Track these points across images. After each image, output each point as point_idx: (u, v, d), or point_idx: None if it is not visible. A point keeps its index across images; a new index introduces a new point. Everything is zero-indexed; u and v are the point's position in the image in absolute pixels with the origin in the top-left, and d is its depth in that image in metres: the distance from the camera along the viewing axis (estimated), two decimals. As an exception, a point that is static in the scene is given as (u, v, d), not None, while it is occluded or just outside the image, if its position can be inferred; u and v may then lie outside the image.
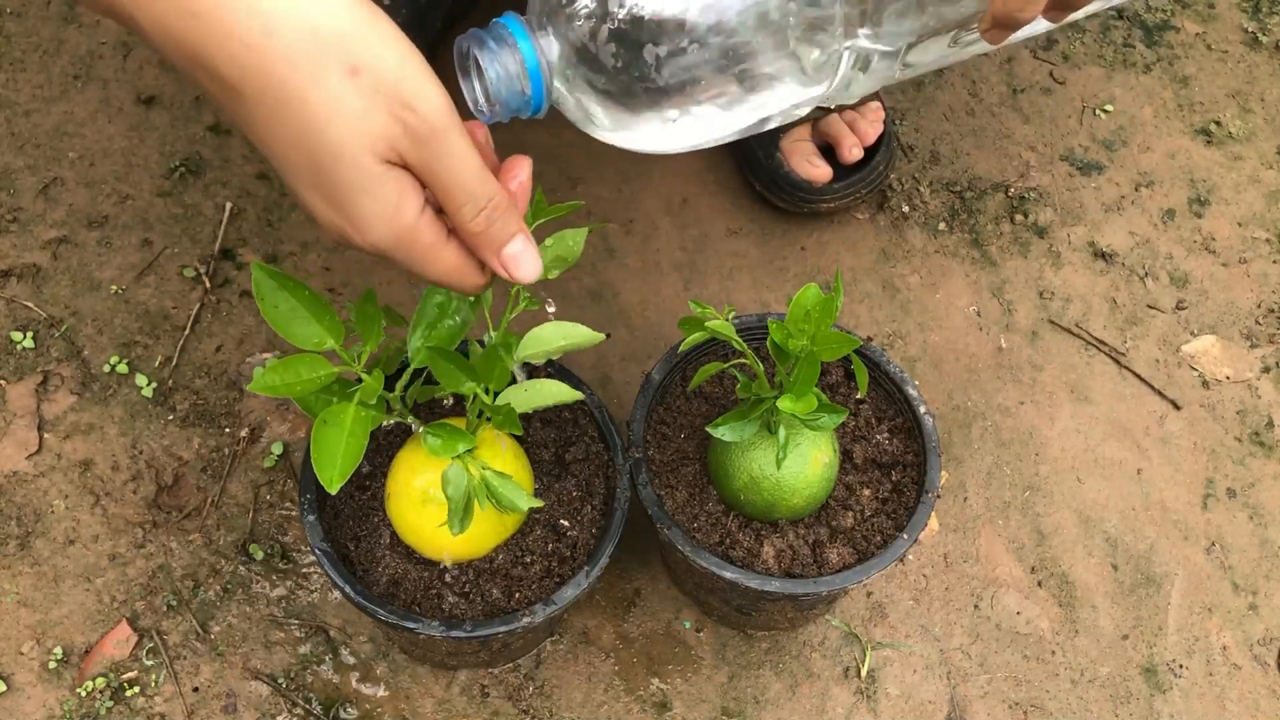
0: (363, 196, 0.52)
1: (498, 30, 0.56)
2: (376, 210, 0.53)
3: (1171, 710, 0.89)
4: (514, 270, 0.57)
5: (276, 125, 0.51)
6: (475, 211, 0.54)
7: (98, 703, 0.82)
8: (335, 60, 0.50)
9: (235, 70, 0.50)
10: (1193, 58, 1.23)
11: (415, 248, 0.54)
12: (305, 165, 0.52)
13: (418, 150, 0.52)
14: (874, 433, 0.82)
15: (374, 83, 0.51)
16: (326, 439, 0.60)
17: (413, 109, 0.51)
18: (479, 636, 0.71)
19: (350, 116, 0.51)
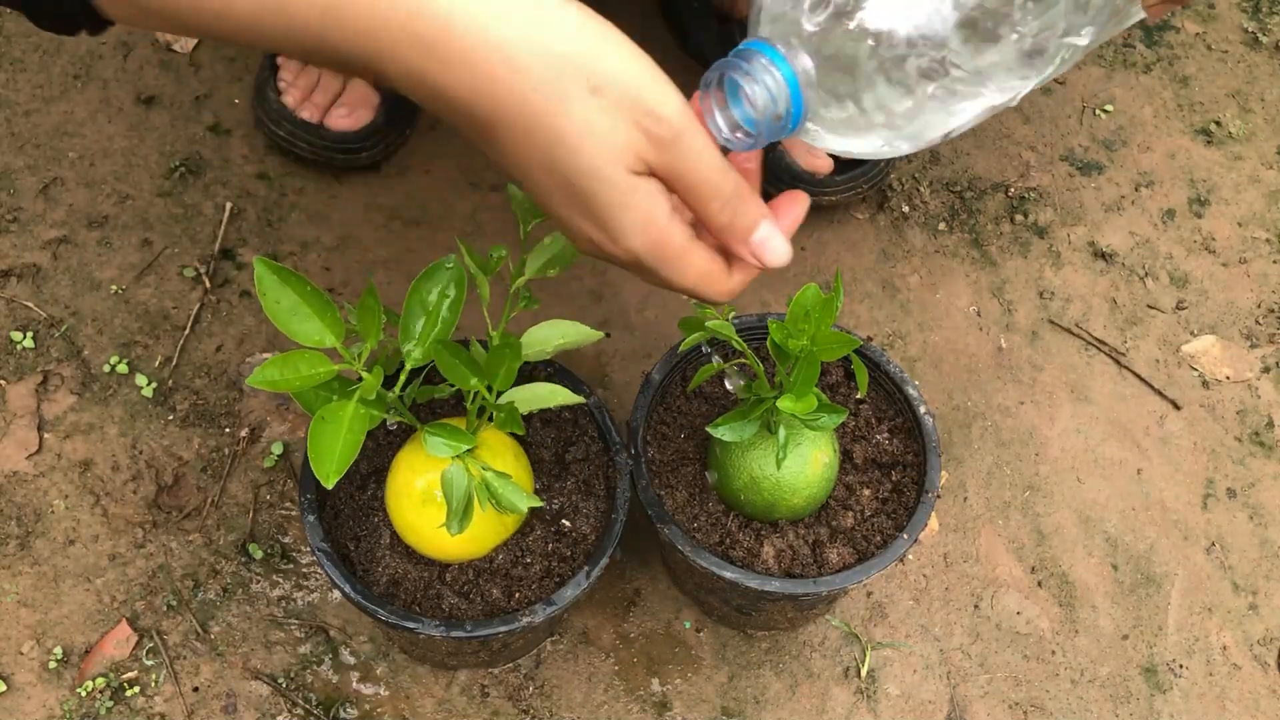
0: (617, 209, 0.54)
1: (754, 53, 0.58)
2: (631, 219, 0.55)
3: (1171, 710, 0.89)
4: (764, 255, 0.58)
5: (528, 153, 0.54)
6: (721, 205, 0.56)
7: (98, 703, 0.82)
8: (577, 83, 0.52)
9: (487, 107, 0.52)
10: (1193, 58, 1.23)
11: (668, 250, 0.56)
12: (559, 187, 0.55)
13: (662, 155, 0.54)
14: (874, 433, 0.82)
15: (616, 98, 0.53)
16: (324, 435, 0.60)
17: (655, 116, 0.53)
18: (479, 636, 0.71)
19: (598, 136, 0.53)
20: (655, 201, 0.55)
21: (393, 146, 1.04)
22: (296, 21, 0.52)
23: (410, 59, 0.52)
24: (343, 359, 0.62)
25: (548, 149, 0.53)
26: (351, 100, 1.01)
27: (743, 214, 0.57)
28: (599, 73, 0.52)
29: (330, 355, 0.62)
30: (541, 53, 0.52)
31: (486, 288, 0.70)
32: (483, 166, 1.07)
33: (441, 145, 1.08)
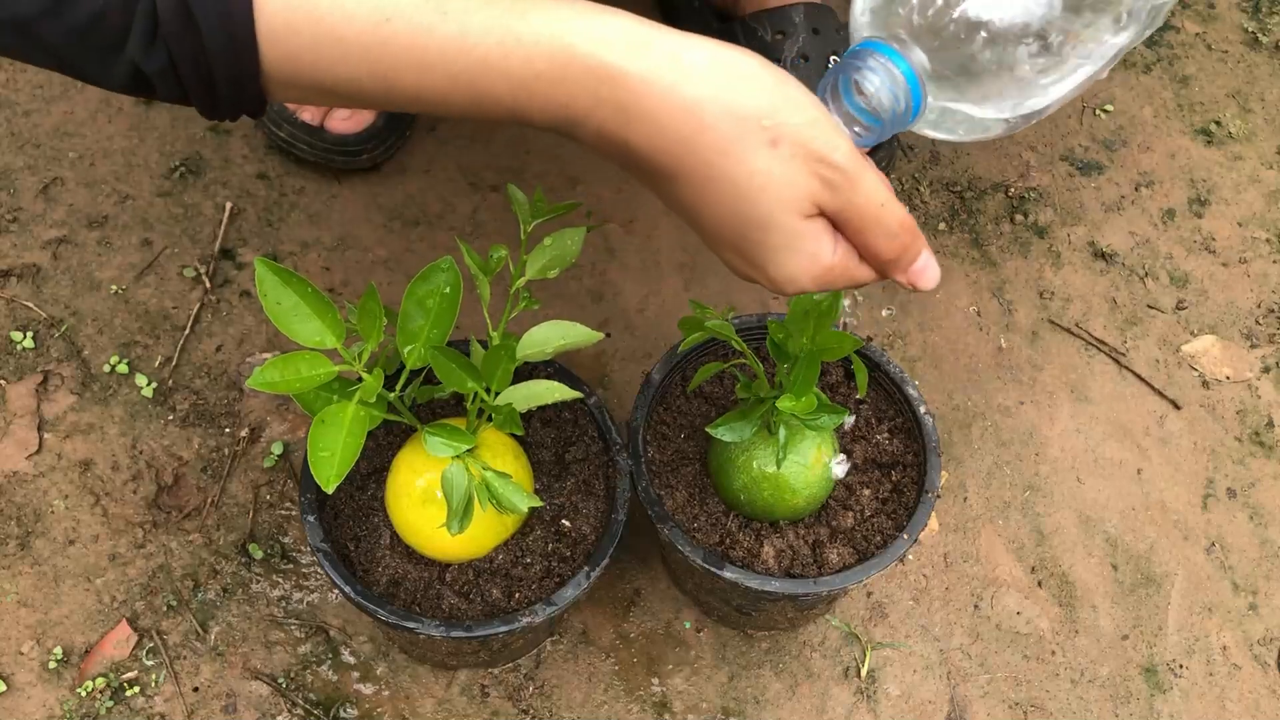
0: (784, 254, 0.58)
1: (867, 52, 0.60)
2: (797, 263, 0.58)
3: (1171, 710, 0.89)
4: (920, 282, 0.62)
5: (707, 203, 0.57)
6: (889, 240, 0.59)
7: (98, 703, 0.82)
8: (758, 138, 0.55)
9: (671, 161, 0.56)
10: (1193, 58, 1.23)
11: (829, 277, 0.59)
12: (730, 234, 0.58)
13: (835, 198, 0.57)
14: (874, 433, 0.82)
15: (792, 149, 0.55)
16: (324, 437, 0.60)
17: (828, 162, 0.56)
18: (479, 636, 0.71)
19: (776, 187, 0.56)
20: (819, 243, 0.58)
21: (393, 148, 1.04)
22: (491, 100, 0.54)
23: (601, 122, 0.55)
24: (343, 360, 0.62)
25: (727, 201, 0.56)
26: (352, 101, 1.01)
27: (910, 247, 0.60)
28: (778, 128, 0.55)
29: (331, 356, 0.62)
30: (728, 113, 0.54)
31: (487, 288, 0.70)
32: (483, 166, 1.07)
33: (441, 145, 1.08)
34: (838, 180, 0.56)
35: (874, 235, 0.58)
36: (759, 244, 0.58)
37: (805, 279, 0.59)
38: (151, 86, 0.53)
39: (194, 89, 0.53)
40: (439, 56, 0.53)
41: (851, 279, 0.60)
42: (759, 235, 0.57)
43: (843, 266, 0.59)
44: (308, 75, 0.53)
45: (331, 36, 0.52)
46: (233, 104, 0.54)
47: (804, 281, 0.59)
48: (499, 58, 0.53)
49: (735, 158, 0.55)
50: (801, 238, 0.57)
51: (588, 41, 0.53)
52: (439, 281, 0.63)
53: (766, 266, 0.59)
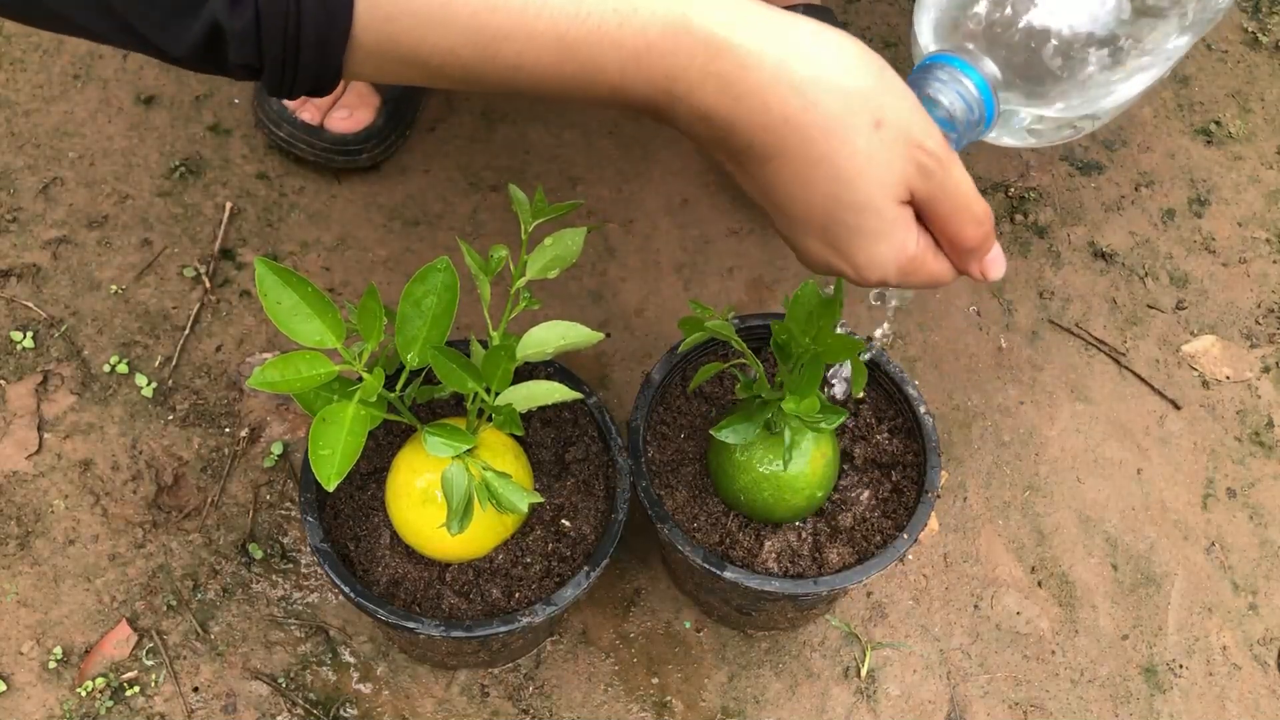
0: (876, 241, 0.58)
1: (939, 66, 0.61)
2: (886, 251, 0.58)
3: (1171, 710, 0.89)
4: (991, 272, 0.62)
5: (801, 185, 0.56)
6: (976, 228, 0.59)
7: (98, 703, 0.82)
8: (863, 119, 0.54)
9: (774, 140, 0.55)
10: (1193, 58, 1.23)
11: (911, 267, 0.59)
12: (820, 218, 0.57)
13: (927, 184, 0.57)
14: (874, 433, 0.82)
15: (894, 133, 0.55)
16: (325, 437, 0.60)
17: (925, 149, 0.56)
18: (479, 636, 0.71)
19: (877, 169, 0.55)
20: (908, 230, 0.58)
21: (393, 148, 1.04)
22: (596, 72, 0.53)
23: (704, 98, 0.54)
24: (343, 359, 0.62)
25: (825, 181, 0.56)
26: (351, 102, 1.01)
27: (991, 236, 0.61)
28: (882, 109, 0.55)
29: (331, 356, 0.62)
30: (832, 90, 0.54)
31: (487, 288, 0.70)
32: (483, 166, 1.07)
33: (441, 145, 1.08)
34: (932, 166, 0.56)
35: (961, 222, 0.59)
36: (852, 228, 0.57)
37: (891, 266, 0.59)
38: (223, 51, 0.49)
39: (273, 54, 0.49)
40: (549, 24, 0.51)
41: (931, 272, 0.60)
42: (853, 218, 0.57)
43: (923, 258, 0.59)
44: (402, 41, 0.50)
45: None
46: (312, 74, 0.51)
47: (889, 269, 0.59)
48: (614, 26, 0.52)
49: (839, 138, 0.54)
50: (895, 223, 0.57)
51: (702, 14, 0.52)
52: (436, 282, 0.63)
53: (855, 252, 0.58)
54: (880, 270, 0.59)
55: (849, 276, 0.60)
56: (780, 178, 0.56)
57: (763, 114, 0.54)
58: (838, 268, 0.60)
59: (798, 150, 0.55)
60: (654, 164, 1.08)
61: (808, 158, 0.55)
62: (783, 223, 0.60)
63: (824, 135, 0.54)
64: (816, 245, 0.59)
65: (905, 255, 0.58)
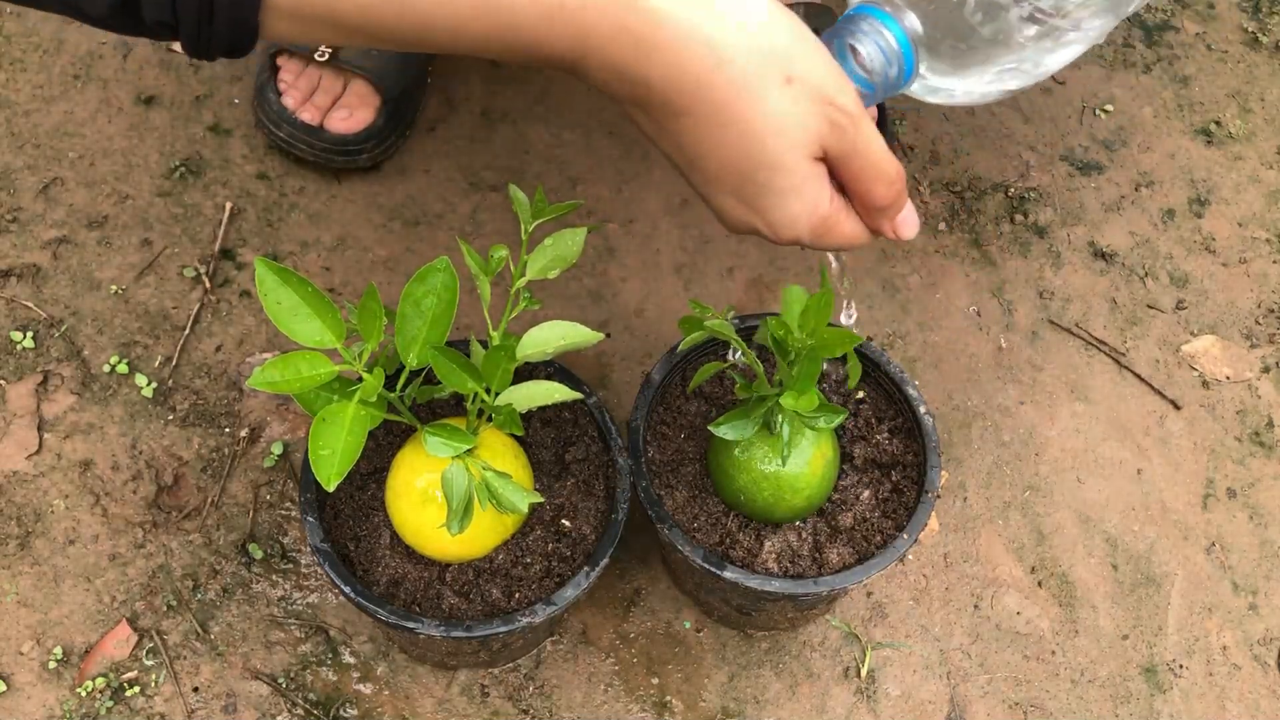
0: (789, 198, 0.58)
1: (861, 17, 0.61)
2: (800, 208, 0.58)
3: (1171, 710, 0.89)
4: (904, 231, 0.62)
5: (714, 143, 0.56)
6: (888, 187, 0.59)
7: (98, 703, 0.82)
8: (774, 75, 0.55)
9: (685, 97, 0.55)
10: (1193, 58, 1.23)
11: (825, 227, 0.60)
12: (734, 176, 0.58)
13: (839, 141, 0.57)
14: (874, 433, 0.82)
15: (806, 89, 0.55)
16: (325, 437, 0.60)
17: (837, 105, 0.56)
18: (479, 636, 0.71)
19: (789, 126, 0.56)
20: (820, 188, 0.58)
21: (392, 148, 1.04)
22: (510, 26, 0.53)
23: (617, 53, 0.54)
24: (343, 360, 0.62)
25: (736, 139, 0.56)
26: (351, 102, 1.01)
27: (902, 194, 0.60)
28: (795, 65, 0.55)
29: (331, 356, 0.62)
30: (750, 50, 0.54)
31: (487, 288, 0.70)
32: (483, 166, 1.07)
33: (441, 145, 1.08)
34: (844, 123, 0.56)
35: (873, 180, 0.59)
36: (764, 185, 0.57)
37: (804, 224, 0.59)
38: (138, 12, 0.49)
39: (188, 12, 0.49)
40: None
41: (842, 232, 0.60)
42: (765, 176, 0.57)
43: (836, 218, 0.59)
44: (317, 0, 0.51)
45: None
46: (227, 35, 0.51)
47: (801, 227, 0.59)
48: None
49: (752, 94, 0.55)
50: (807, 179, 0.57)
51: None
52: (435, 283, 0.63)
53: (769, 210, 0.59)
54: (793, 228, 0.59)
55: (764, 234, 0.60)
56: (693, 135, 0.57)
57: (674, 70, 0.54)
58: (753, 225, 0.60)
59: (709, 107, 0.55)
60: (654, 164, 1.08)
61: (719, 115, 0.55)
62: (698, 180, 0.60)
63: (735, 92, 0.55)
64: (732, 203, 0.59)
65: (818, 214, 0.59)
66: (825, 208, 0.59)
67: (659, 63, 0.54)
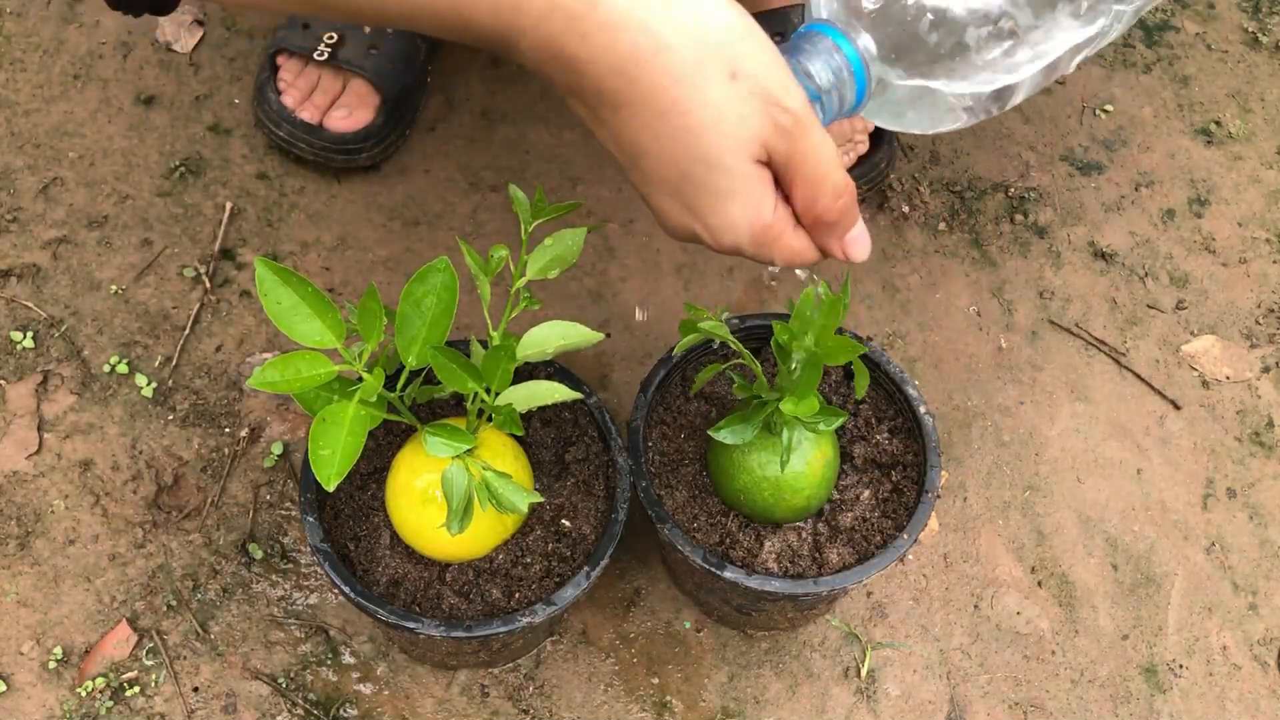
0: (729, 201, 0.55)
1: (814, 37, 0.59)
2: (741, 212, 0.55)
3: (1171, 710, 0.89)
4: (853, 252, 0.59)
5: (652, 136, 0.54)
6: (834, 199, 0.56)
7: (98, 703, 0.82)
8: (717, 68, 0.52)
9: (622, 84, 0.52)
10: (1193, 58, 1.23)
11: (767, 237, 0.56)
12: (673, 174, 0.55)
13: (785, 145, 0.54)
14: (874, 433, 0.82)
15: (751, 86, 0.53)
16: (325, 436, 0.60)
17: (782, 106, 0.53)
18: (479, 636, 0.71)
19: (729, 123, 0.53)
20: (763, 193, 0.55)
21: (392, 147, 1.04)
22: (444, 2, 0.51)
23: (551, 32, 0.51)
24: (343, 360, 0.62)
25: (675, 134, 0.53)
26: (351, 101, 1.01)
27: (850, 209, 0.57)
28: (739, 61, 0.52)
29: (331, 356, 0.62)
30: (690, 39, 0.52)
31: (487, 288, 0.70)
32: (483, 166, 1.07)
33: (441, 145, 1.08)
34: (791, 127, 0.54)
35: (819, 190, 0.56)
36: (702, 185, 0.54)
37: (743, 229, 0.56)
38: None
39: None
40: None
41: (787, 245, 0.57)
42: (704, 174, 0.54)
43: (780, 229, 0.56)
44: None
45: None
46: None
47: (741, 232, 0.56)
48: None
49: (691, 85, 0.52)
50: (749, 181, 0.54)
51: None
52: (435, 283, 0.63)
53: (707, 212, 0.55)
54: (733, 234, 0.56)
55: (704, 241, 0.57)
56: (630, 126, 0.54)
57: (611, 53, 0.51)
58: (692, 229, 0.57)
59: (647, 96, 0.52)
60: (654, 164, 1.08)
61: (658, 105, 0.52)
62: (637, 178, 0.57)
63: (674, 81, 0.52)
64: (671, 204, 0.56)
65: (760, 221, 0.56)
66: (768, 215, 0.56)
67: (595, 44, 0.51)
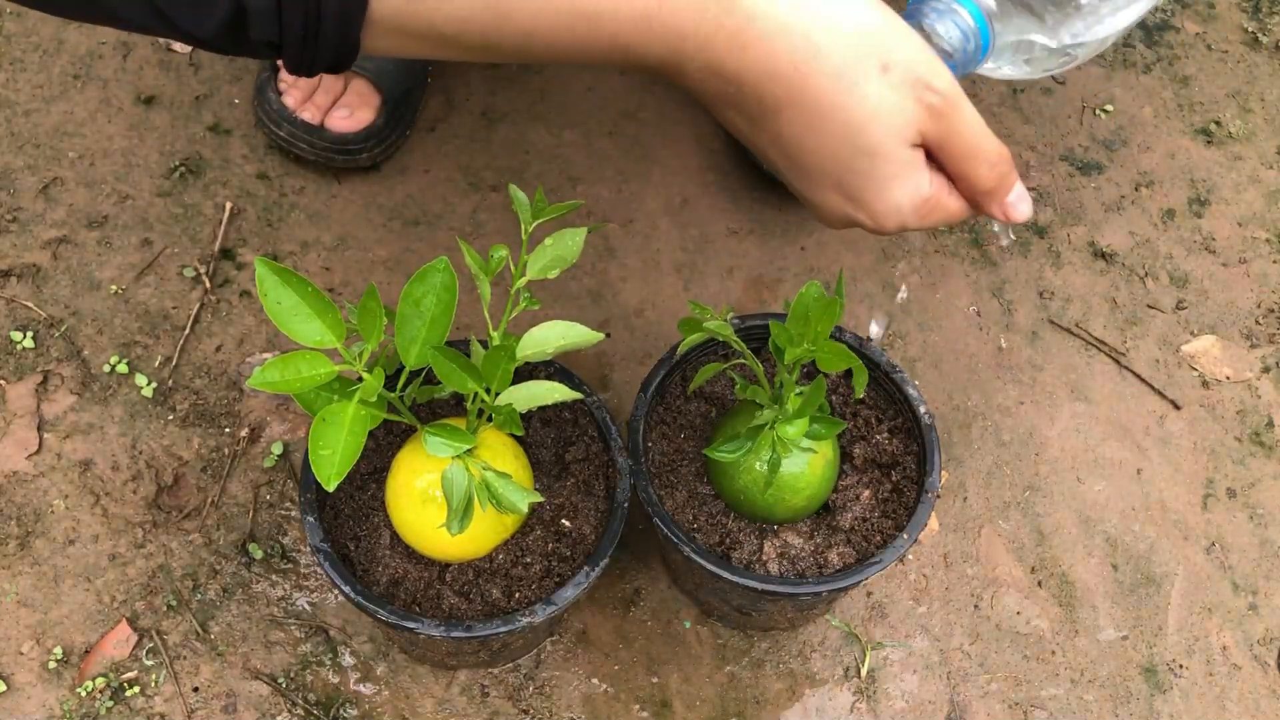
0: (891, 185, 0.58)
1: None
2: (901, 195, 0.58)
3: (1171, 710, 0.89)
4: (1014, 214, 0.61)
5: (815, 135, 0.56)
6: (990, 169, 0.59)
7: (98, 703, 0.82)
8: (870, 63, 0.55)
9: (782, 90, 0.55)
10: (1193, 58, 1.23)
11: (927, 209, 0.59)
12: (834, 168, 0.58)
13: (937, 125, 0.57)
14: (874, 433, 0.82)
15: (902, 75, 0.55)
16: (325, 437, 0.60)
17: (932, 88, 0.56)
18: (479, 636, 0.71)
19: (887, 113, 0.55)
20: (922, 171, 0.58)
21: (393, 147, 1.04)
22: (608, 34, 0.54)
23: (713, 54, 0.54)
24: (343, 359, 0.62)
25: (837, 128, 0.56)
26: (352, 101, 1.01)
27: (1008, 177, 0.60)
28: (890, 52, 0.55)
29: (331, 356, 0.62)
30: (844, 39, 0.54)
31: (487, 288, 0.70)
32: (483, 166, 1.07)
33: (441, 145, 1.08)
34: (942, 107, 0.56)
35: (975, 163, 0.59)
36: (866, 174, 0.57)
37: (908, 209, 0.59)
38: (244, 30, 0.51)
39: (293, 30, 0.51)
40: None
41: (947, 212, 0.60)
42: (867, 164, 0.57)
43: (937, 199, 0.59)
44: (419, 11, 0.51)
45: None
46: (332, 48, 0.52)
47: (906, 212, 0.59)
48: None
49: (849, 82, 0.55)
50: (909, 165, 0.57)
51: None
52: (435, 283, 0.63)
53: (872, 200, 0.58)
54: (898, 215, 0.59)
55: (867, 226, 0.60)
56: (793, 129, 0.57)
57: (771, 62, 0.54)
58: (856, 218, 0.60)
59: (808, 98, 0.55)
60: (654, 164, 1.08)
61: (818, 106, 0.55)
62: (798, 177, 0.60)
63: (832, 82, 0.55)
64: (833, 197, 0.59)
65: (920, 197, 0.59)
66: (927, 190, 0.59)
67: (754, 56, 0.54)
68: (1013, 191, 0.61)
